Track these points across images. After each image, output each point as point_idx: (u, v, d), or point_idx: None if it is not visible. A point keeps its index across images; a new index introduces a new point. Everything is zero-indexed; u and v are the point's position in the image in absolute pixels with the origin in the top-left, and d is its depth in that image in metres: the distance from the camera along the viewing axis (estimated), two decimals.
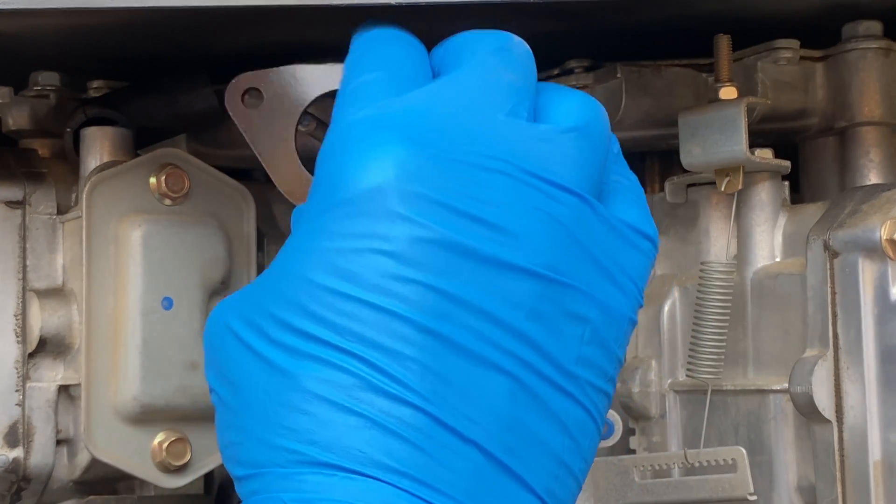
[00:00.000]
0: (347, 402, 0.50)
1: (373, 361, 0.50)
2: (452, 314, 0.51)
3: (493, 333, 0.51)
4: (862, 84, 0.82)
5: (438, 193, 0.51)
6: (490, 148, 0.53)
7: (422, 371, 0.50)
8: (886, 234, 0.69)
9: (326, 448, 0.50)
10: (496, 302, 0.51)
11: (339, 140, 0.54)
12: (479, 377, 0.51)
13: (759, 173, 0.79)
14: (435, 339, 0.51)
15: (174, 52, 0.82)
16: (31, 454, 0.83)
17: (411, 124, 0.53)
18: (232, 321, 0.54)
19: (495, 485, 0.51)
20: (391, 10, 0.66)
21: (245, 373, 0.53)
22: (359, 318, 0.51)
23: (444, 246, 0.51)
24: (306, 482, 0.50)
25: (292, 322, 0.51)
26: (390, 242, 0.51)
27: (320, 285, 0.51)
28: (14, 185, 0.84)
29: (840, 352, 0.71)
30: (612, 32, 0.82)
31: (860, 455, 0.70)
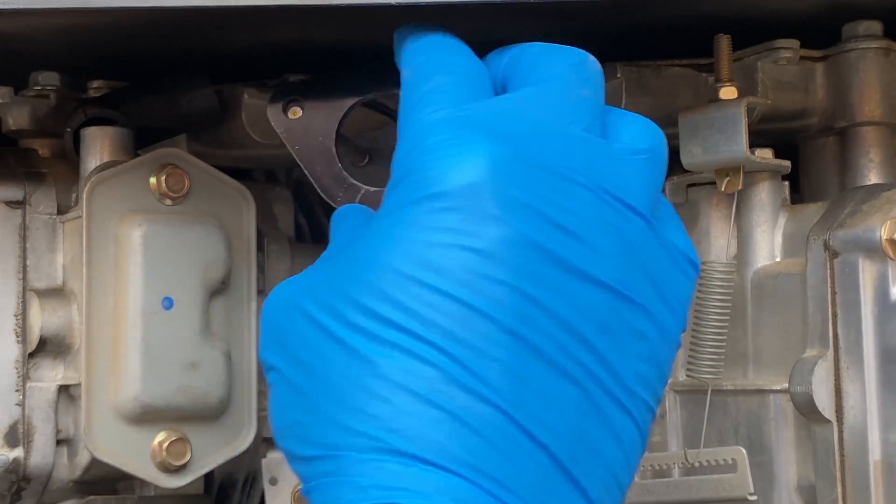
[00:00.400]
0: (429, 394, 0.50)
1: (457, 356, 0.50)
2: (534, 319, 0.51)
3: (567, 342, 0.52)
4: (862, 84, 0.82)
5: (529, 197, 0.52)
6: (570, 160, 0.53)
7: (503, 371, 0.51)
8: (886, 234, 0.70)
9: (407, 438, 0.50)
10: (572, 311, 0.52)
11: (424, 138, 0.54)
12: (553, 384, 0.51)
13: (759, 173, 0.79)
14: (517, 342, 0.51)
15: (174, 52, 0.82)
16: (32, 454, 0.84)
17: (500, 127, 0.54)
18: (305, 303, 0.54)
19: (559, 491, 0.52)
20: (391, 10, 0.66)
21: (321, 355, 0.53)
22: (445, 311, 0.51)
23: (532, 249, 0.52)
24: (384, 470, 0.50)
25: (376, 308, 0.51)
26: (481, 240, 0.51)
27: (407, 275, 0.51)
28: (14, 185, 0.84)
29: (840, 352, 0.71)
30: (612, 32, 0.82)
31: (860, 455, 0.70)
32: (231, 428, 0.85)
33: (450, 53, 0.60)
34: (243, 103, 0.86)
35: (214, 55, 0.82)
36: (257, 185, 0.95)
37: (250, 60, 0.83)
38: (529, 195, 0.52)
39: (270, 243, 0.92)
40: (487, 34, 0.82)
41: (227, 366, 0.84)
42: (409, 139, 0.55)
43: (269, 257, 0.91)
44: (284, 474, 0.84)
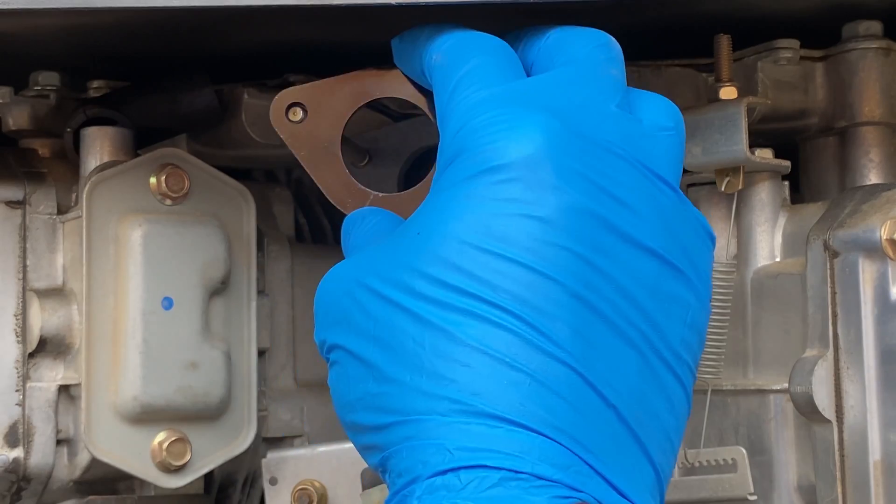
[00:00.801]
0: (507, 357, 0.52)
1: (529, 319, 0.52)
2: (596, 283, 0.53)
3: (624, 306, 0.54)
4: (862, 84, 0.82)
5: (583, 167, 0.54)
6: (610, 134, 0.56)
7: (572, 334, 0.52)
8: (886, 233, 0.69)
9: (489, 399, 0.51)
10: (627, 276, 0.54)
11: (473, 116, 0.56)
12: (616, 347, 0.53)
13: (759, 173, 0.79)
14: (583, 305, 0.53)
15: (174, 52, 0.82)
16: (32, 454, 0.84)
17: (546, 102, 0.56)
18: (369, 279, 0.56)
19: (628, 450, 0.53)
20: (391, 10, 0.66)
21: (393, 327, 0.54)
22: (513, 277, 0.52)
23: (589, 217, 0.53)
24: (469, 432, 0.51)
25: (445, 278, 0.53)
26: (543, 208, 0.53)
27: (473, 244, 0.53)
28: (14, 185, 0.84)
29: (840, 351, 0.71)
30: (612, 32, 0.82)
31: (860, 455, 0.70)
32: (231, 428, 0.85)
33: (479, 37, 0.62)
34: (243, 103, 0.86)
35: (214, 55, 0.82)
36: (257, 185, 0.95)
37: (250, 60, 0.83)
38: (582, 166, 0.54)
39: (270, 243, 0.92)
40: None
41: (226, 366, 0.84)
42: (457, 119, 0.57)
43: (269, 257, 0.91)
44: (284, 474, 0.84)
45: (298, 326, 0.92)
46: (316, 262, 0.93)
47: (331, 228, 1.01)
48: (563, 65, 0.59)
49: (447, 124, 0.58)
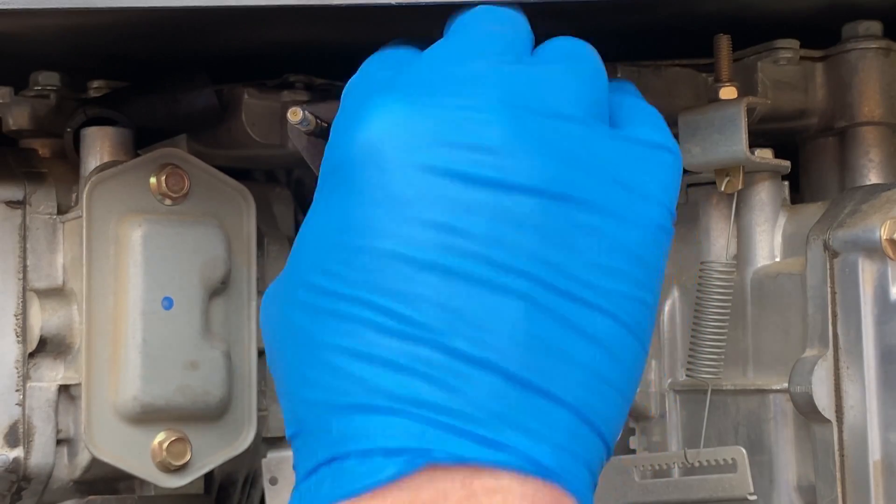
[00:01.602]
0: (365, 348, 0.53)
1: (384, 305, 0.53)
2: (459, 246, 0.53)
3: (501, 257, 0.53)
4: (862, 84, 0.82)
5: (433, 134, 0.54)
6: (486, 90, 0.56)
7: (433, 307, 0.53)
8: (886, 233, 0.70)
9: (353, 394, 0.53)
10: (501, 225, 0.53)
11: (342, 110, 0.60)
12: (493, 303, 0.53)
13: (759, 173, 0.79)
14: (444, 274, 0.53)
15: (174, 52, 0.82)
16: (32, 454, 0.84)
17: (401, 82, 0.57)
18: (269, 296, 0.59)
19: (522, 402, 0.53)
20: (391, 10, 0.66)
21: (278, 339, 0.57)
22: (370, 266, 0.53)
23: (444, 177, 0.54)
24: (345, 427, 0.53)
25: (312, 281, 0.55)
26: (391, 188, 0.54)
27: (334, 242, 0.55)
28: (14, 185, 0.84)
29: (840, 351, 0.71)
30: (612, 32, 0.82)
31: (860, 455, 0.70)
32: (231, 428, 0.85)
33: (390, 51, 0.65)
34: (243, 103, 0.86)
35: (214, 55, 0.82)
36: (257, 185, 0.95)
37: (250, 60, 0.83)
38: (433, 133, 0.54)
39: (270, 243, 0.92)
40: None
41: (227, 366, 0.84)
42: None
43: (269, 257, 0.91)
44: (284, 474, 0.84)
45: None
46: None
47: None
48: (447, 42, 0.61)
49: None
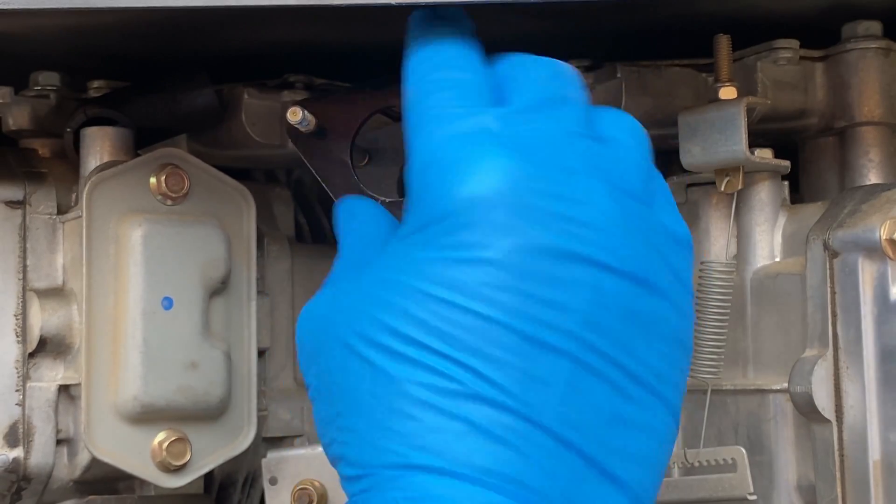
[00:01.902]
0: (452, 408, 0.52)
1: (476, 368, 0.53)
2: (550, 320, 0.53)
3: (589, 337, 0.54)
4: (861, 84, 0.82)
5: (539, 199, 0.54)
6: (575, 156, 0.56)
7: (522, 377, 0.53)
8: (886, 233, 0.70)
9: (434, 452, 0.52)
10: (593, 304, 0.54)
11: (435, 155, 0.57)
12: (578, 380, 0.53)
13: (759, 173, 0.79)
14: (534, 346, 0.53)
15: (174, 52, 0.82)
16: (32, 454, 0.84)
17: (504, 136, 0.55)
18: (333, 325, 0.57)
19: (590, 484, 0.53)
20: (391, 10, 0.66)
21: (351, 375, 0.55)
22: (462, 325, 0.53)
23: (545, 252, 0.53)
24: (415, 484, 0.52)
25: (398, 327, 0.54)
26: (495, 251, 0.53)
27: (426, 293, 0.54)
28: (14, 185, 0.84)
29: (840, 351, 0.71)
30: (612, 32, 0.82)
31: (860, 455, 0.70)
32: (231, 428, 0.85)
33: (447, 67, 0.61)
34: (243, 103, 0.86)
35: (214, 55, 0.82)
36: (257, 185, 0.95)
37: (250, 60, 0.83)
38: (540, 197, 0.54)
39: (270, 243, 0.92)
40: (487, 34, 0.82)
41: (227, 366, 0.84)
42: (422, 156, 0.57)
43: (269, 257, 0.91)
44: (284, 474, 0.84)
45: None
46: (316, 262, 0.93)
47: (331, 229, 1.01)
48: (522, 94, 0.59)
49: (413, 159, 0.58)
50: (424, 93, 0.59)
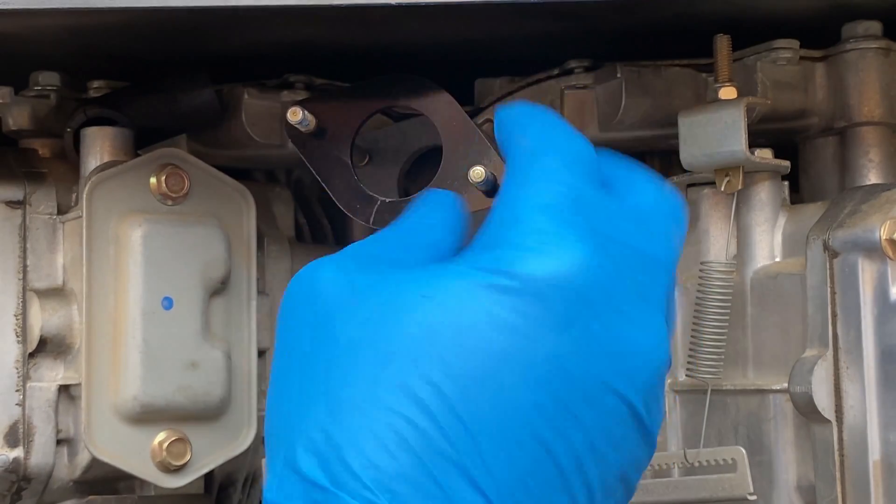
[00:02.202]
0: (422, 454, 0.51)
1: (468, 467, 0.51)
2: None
3: (585, 457, 0.53)
4: (861, 84, 0.82)
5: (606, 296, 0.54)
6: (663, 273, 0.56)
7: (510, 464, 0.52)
8: (886, 233, 0.70)
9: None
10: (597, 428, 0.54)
11: (528, 218, 0.55)
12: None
13: (759, 173, 0.79)
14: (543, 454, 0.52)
15: (174, 52, 0.83)
16: (32, 454, 0.84)
17: (595, 228, 0.55)
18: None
19: None
20: (391, 10, 0.66)
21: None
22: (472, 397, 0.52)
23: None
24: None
25: (429, 377, 0.52)
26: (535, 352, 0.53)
27: (435, 354, 0.52)
28: (14, 185, 0.84)
29: (840, 351, 0.71)
30: (612, 32, 0.82)
31: (860, 455, 0.70)
32: (231, 428, 0.85)
33: (564, 134, 0.59)
34: (243, 103, 0.86)
35: (214, 55, 0.82)
36: (257, 185, 0.95)
37: (250, 60, 0.83)
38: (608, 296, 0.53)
39: (270, 243, 0.92)
40: (487, 34, 0.82)
41: (227, 365, 0.84)
42: (514, 211, 0.55)
43: (269, 257, 0.91)
44: None
45: None
46: None
47: (331, 228, 1.01)
48: (626, 192, 0.58)
49: (503, 204, 0.56)
50: (539, 151, 0.58)
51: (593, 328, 0.53)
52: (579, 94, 0.85)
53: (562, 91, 0.85)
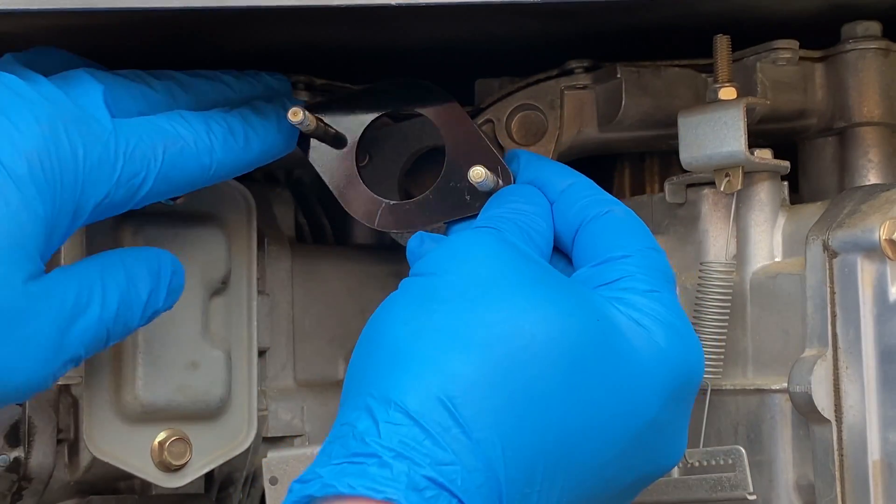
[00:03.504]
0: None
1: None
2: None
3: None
4: (861, 84, 0.82)
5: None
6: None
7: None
8: (885, 234, 0.70)
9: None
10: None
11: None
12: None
13: (759, 173, 0.79)
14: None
15: (174, 53, 0.82)
16: (32, 454, 0.84)
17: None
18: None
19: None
20: (391, 10, 0.66)
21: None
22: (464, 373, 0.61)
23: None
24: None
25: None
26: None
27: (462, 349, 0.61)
28: None
29: (839, 351, 0.71)
30: (612, 32, 0.82)
31: (859, 454, 0.70)
32: (231, 428, 0.85)
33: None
34: None
35: (215, 56, 0.82)
36: (257, 185, 0.95)
37: (250, 61, 0.83)
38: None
39: (270, 243, 0.92)
40: (487, 34, 0.82)
41: (227, 365, 0.84)
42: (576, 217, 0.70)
43: (269, 257, 0.91)
44: (285, 474, 0.84)
45: (298, 326, 0.92)
46: (316, 262, 0.93)
47: (331, 228, 1.01)
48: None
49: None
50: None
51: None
52: (579, 94, 0.85)
53: (561, 91, 0.85)
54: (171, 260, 0.73)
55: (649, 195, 0.84)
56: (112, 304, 0.68)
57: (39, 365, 0.65)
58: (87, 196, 0.66)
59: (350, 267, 0.95)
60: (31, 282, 0.64)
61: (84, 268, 0.68)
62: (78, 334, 0.66)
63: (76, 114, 0.67)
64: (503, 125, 0.86)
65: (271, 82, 0.79)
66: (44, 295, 0.64)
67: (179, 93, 0.74)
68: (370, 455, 0.56)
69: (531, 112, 0.86)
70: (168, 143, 0.70)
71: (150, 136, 0.70)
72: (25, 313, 0.63)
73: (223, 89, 0.76)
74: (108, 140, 0.68)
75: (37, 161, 0.64)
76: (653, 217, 0.82)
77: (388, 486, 0.55)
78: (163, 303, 0.72)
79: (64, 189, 0.65)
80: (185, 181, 0.72)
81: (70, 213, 0.66)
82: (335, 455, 0.57)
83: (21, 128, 0.64)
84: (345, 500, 0.55)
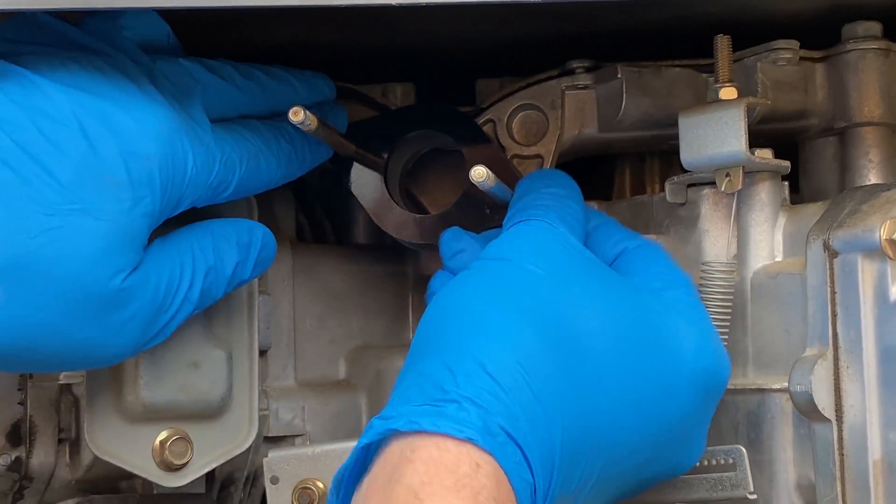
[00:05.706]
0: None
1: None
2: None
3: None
4: (861, 85, 0.82)
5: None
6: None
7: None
8: (886, 233, 0.70)
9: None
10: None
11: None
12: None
13: (759, 173, 0.79)
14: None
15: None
16: (34, 453, 0.84)
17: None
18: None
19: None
20: (391, 10, 0.66)
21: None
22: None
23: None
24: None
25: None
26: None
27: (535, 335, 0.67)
28: None
29: (840, 351, 0.71)
30: (612, 33, 0.82)
31: (860, 454, 0.70)
32: (232, 427, 0.85)
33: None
34: None
35: (215, 56, 0.82)
36: None
37: (252, 61, 0.83)
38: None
39: None
40: (488, 34, 0.82)
41: (228, 365, 0.84)
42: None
43: None
44: (286, 473, 0.84)
45: (299, 326, 0.92)
46: (317, 262, 0.93)
47: (331, 228, 1.01)
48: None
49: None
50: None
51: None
52: (580, 94, 0.85)
53: (562, 91, 0.85)
54: (262, 233, 0.78)
55: (650, 195, 0.84)
56: (199, 282, 0.74)
57: (132, 343, 0.72)
58: (185, 196, 0.72)
59: (351, 267, 0.95)
60: (133, 273, 0.69)
61: (177, 246, 0.74)
62: (169, 312, 0.73)
63: (184, 115, 0.71)
64: (504, 125, 0.86)
65: (324, 87, 0.83)
66: (141, 284, 0.70)
67: (259, 95, 0.78)
68: (450, 401, 0.61)
69: (532, 112, 0.86)
70: (249, 155, 0.75)
71: (238, 146, 0.75)
72: (125, 301, 0.69)
73: (290, 94, 0.80)
74: (210, 146, 0.72)
75: (155, 164, 0.69)
76: (653, 217, 0.83)
77: (468, 427, 0.60)
78: (249, 274, 0.77)
79: (173, 190, 0.70)
80: (249, 191, 0.78)
81: (170, 210, 0.71)
82: (414, 398, 0.62)
83: (145, 129, 0.68)
84: (426, 437, 0.60)
